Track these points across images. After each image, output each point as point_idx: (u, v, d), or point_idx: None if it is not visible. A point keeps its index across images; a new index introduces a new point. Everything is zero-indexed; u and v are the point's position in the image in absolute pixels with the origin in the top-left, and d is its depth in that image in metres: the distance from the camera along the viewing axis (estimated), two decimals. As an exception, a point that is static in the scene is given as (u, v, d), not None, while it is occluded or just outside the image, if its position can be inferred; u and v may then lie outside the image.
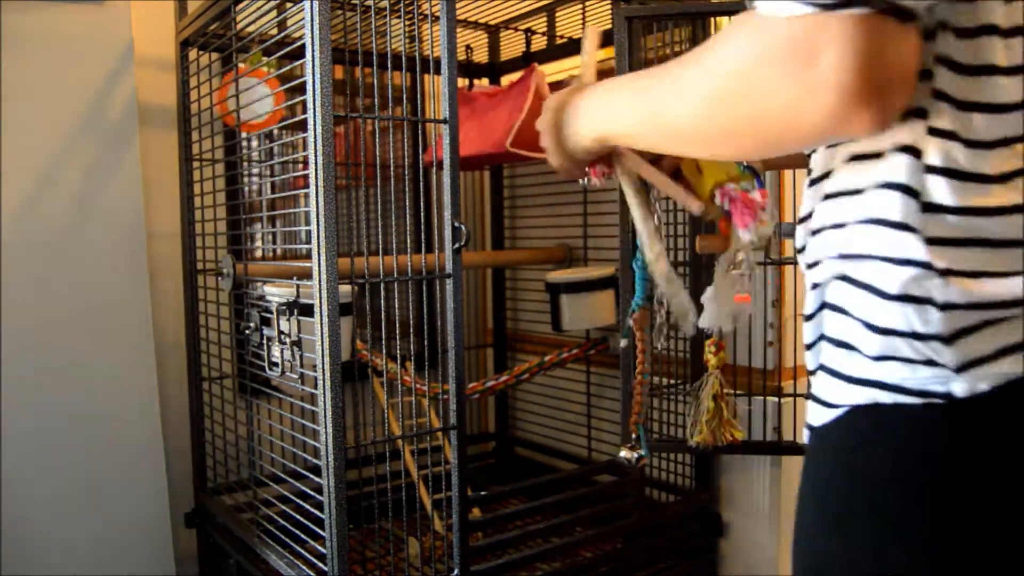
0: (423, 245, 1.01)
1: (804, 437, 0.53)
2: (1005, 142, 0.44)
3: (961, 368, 0.44)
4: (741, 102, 0.45)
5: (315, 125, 0.93)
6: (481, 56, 1.82)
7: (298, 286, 1.06)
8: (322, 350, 0.94)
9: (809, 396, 0.52)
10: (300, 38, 0.96)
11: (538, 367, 1.50)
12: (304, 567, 1.07)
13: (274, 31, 1.16)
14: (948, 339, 0.44)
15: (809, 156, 0.53)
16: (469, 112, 1.60)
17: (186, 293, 1.41)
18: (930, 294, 0.44)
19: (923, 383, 0.45)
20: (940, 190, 0.43)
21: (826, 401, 0.50)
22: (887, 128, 0.44)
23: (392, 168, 1.04)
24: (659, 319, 0.73)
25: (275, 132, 1.52)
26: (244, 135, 1.50)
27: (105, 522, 1.35)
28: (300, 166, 1.42)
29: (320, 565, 1.02)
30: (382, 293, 1.00)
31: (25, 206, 1.28)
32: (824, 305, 0.51)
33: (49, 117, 1.30)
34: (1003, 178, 0.44)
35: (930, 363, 0.45)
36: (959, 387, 0.44)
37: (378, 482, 1.02)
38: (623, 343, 0.70)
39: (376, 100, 1.00)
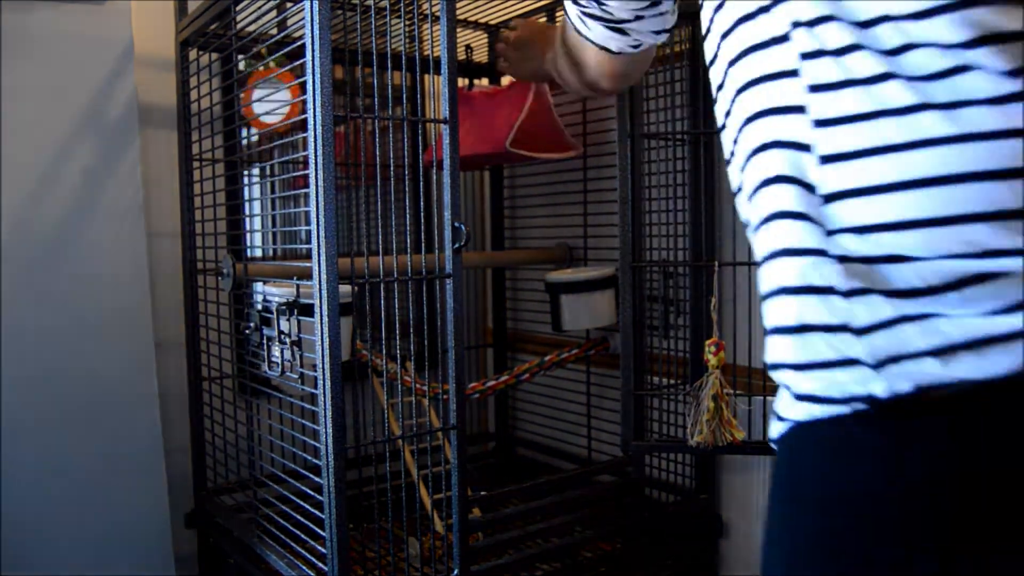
0: (423, 245, 1.02)
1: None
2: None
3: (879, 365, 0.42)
4: None
5: (315, 125, 0.93)
6: (481, 56, 1.82)
7: (298, 286, 1.06)
8: (322, 350, 0.94)
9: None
10: (300, 38, 0.96)
11: (538, 367, 1.49)
12: (304, 567, 1.07)
13: (274, 31, 1.16)
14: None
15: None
16: (469, 112, 1.60)
17: (186, 293, 1.41)
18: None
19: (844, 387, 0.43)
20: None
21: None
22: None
23: (392, 168, 1.04)
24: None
25: (273, 132, 1.52)
26: (246, 134, 1.50)
27: (105, 522, 1.35)
28: (300, 166, 1.42)
29: (320, 565, 1.02)
30: (382, 293, 1.00)
31: (25, 206, 1.28)
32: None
33: (49, 117, 1.30)
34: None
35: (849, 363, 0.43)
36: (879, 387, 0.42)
37: (378, 482, 1.02)
38: None
39: (376, 100, 1.00)
